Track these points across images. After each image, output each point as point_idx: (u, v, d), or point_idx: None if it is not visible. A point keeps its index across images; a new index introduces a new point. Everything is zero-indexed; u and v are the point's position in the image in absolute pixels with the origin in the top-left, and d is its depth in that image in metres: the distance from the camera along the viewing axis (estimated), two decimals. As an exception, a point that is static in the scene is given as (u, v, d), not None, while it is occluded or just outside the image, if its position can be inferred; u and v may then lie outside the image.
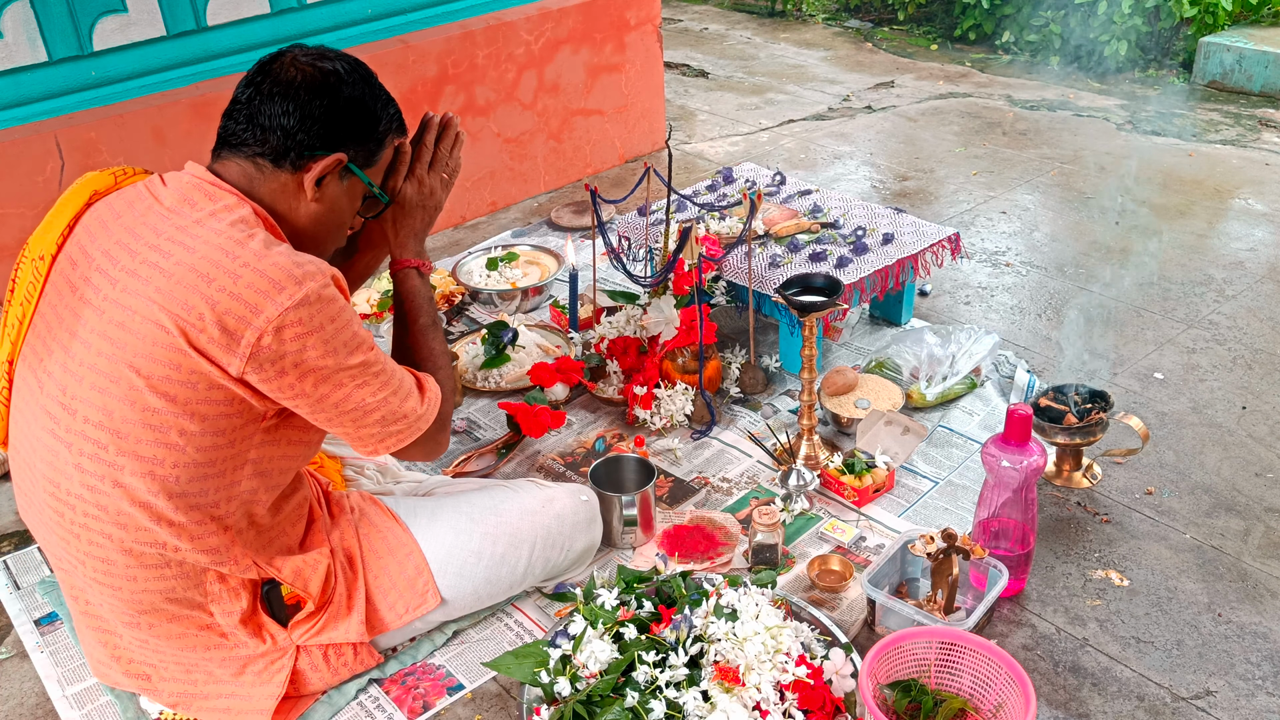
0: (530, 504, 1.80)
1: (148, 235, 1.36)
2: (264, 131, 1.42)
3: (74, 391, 1.35)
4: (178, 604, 1.47)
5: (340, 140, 1.44)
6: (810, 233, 2.57)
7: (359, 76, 1.46)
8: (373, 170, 1.52)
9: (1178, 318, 2.70)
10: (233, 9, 2.89)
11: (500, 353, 2.53)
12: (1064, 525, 2.01)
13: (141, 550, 1.41)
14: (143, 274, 1.33)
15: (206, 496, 1.40)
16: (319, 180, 1.44)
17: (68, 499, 1.40)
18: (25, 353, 1.43)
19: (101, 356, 1.33)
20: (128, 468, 1.35)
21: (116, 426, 1.34)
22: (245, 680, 1.56)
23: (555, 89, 3.56)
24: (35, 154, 2.57)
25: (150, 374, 1.31)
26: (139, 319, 1.31)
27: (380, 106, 1.49)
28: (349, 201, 1.52)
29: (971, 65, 4.88)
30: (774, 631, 1.55)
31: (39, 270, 1.43)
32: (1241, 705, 1.62)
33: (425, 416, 1.51)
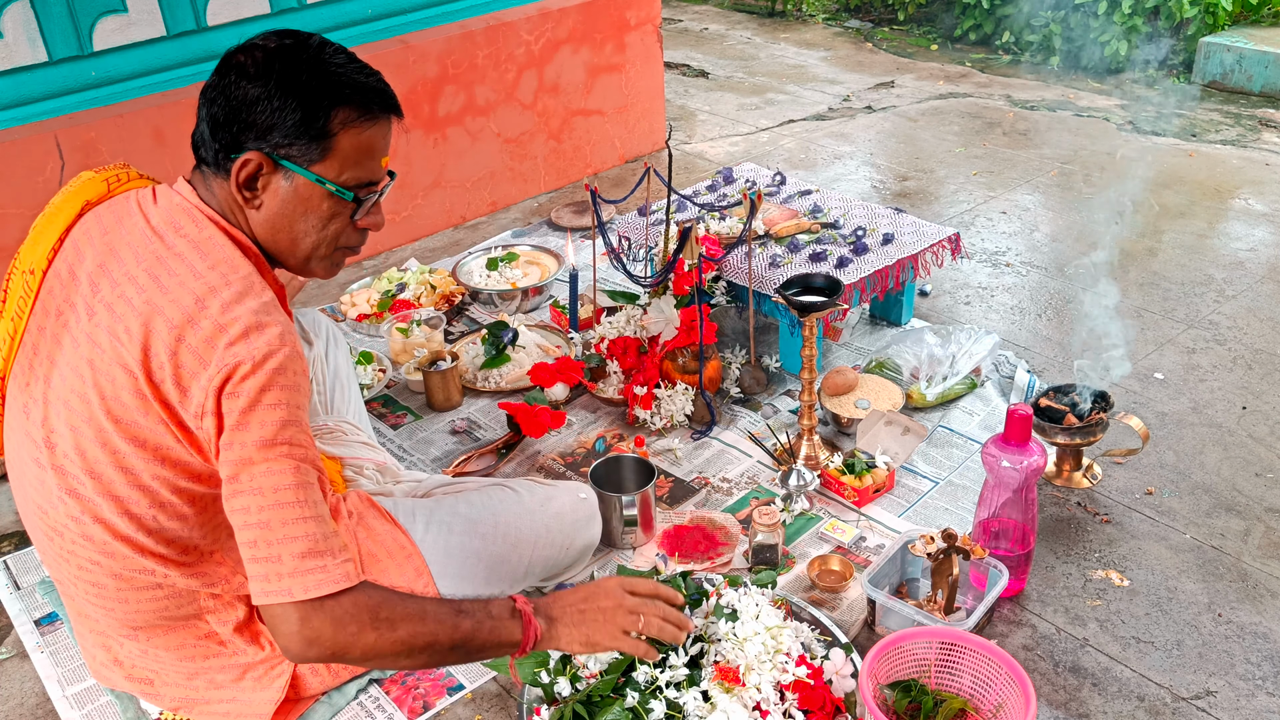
0: (529, 503, 1.80)
1: (129, 261, 1.29)
2: (199, 136, 1.33)
3: (53, 425, 1.32)
4: (173, 619, 1.47)
5: (260, 135, 1.28)
6: (810, 233, 2.57)
7: (293, 55, 1.29)
8: (327, 163, 1.30)
9: (1178, 318, 2.70)
10: (233, 9, 2.89)
11: (500, 353, 2.53)
12: (1064, 525, 2.01)
13: (131, 575, 1.39)
14: (117, 309, 1.27)
15: (190, 534, 1.38)
16: (251, 183, 1.30)
17: (55, 525, 1.38)
18: (16, 371, 1.40)
19: (74, 395, 1.29)
20: (105, 506, 1.32)
21: (90, 467, 1.30)
22: (245, 686, 1.56)
23: (555, 89, 3.56)
24: (35, 154, 2.56)
25: (119, 417, 1.27)
26: (107, 359, 1.26)
27: (320, 87, 1.28)
28: (306, 205, 1.32)
29: (971, 65, 4.88)
30: (774, 631, 1.55)
31: (29, 285, 1.37)
32: (1242, 705, 1.62)
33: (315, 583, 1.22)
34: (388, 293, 2.85)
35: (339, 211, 1.35)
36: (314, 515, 1.24)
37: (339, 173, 1.32)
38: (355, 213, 1.37)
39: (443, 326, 2.63)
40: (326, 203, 1.33)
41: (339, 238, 1.38)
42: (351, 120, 1.31)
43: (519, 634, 1.36)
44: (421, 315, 2.64)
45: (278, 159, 1.29)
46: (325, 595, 1.23)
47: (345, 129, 1.30)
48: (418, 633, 1.28)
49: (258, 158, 1.28)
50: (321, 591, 1.22)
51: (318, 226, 1.35)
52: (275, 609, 1.23)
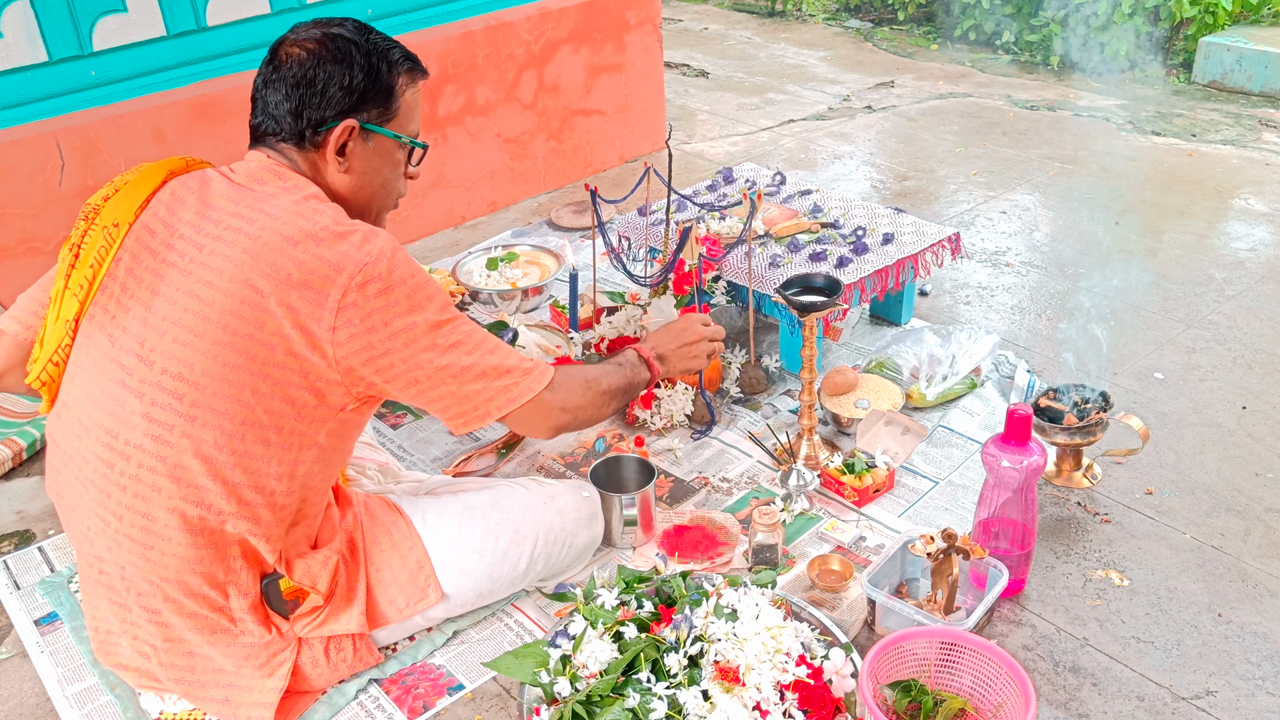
0: (532, 500, 1.81)
1: (228, 207, 1.44)
2: (276, 120, 1.49)
3: (153, 344, 1.40)
4: (200, 577, 1.49)
5: (347, 107, 1.49)
6: (810, 233, 2.57)
7: (347, 40, 1.49)
8: (396, 121, 1.54)
9: (1178, 318, 2.70)
10: (233, 9, 2.89)
11: (500, 353, 2.52)
12: (1064, 525, 2.01)
13: (185, 510, 1.43)
14: (228, 239, 1.40)
15: (268, 465, 1.45)
16: (342, 150, 1.51)
17: (124, 449, 1.43)
18: (94, 311, 1.47)
19: (187, 313, 1.39)
20: (199, 418, 1.40)
21: (195, 379, 1.39)
22: (245, 672, 1.56)
23: (555, 89, 3.56)
24: (35, 154, 2.56)
25: (235, 330, 1.38)
26: (226, 279, 1.38)
27: (378, 59, 1.50)
28: (384, 159, 1.56)
29: (971, 65, 4.88)
30: (774, 631, 1.55)
31: (111, 236, 1.47)
32: (1242, 705, 1.62)
33: (536, 376, 1.54)
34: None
35: (402, 162, 1.59)
36: (502, 344, 1.53)
37: (405, 128, 1.56)
38: (412, 162, 1.61)
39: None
40: (398, 154, 1.57)
41: (398, 188, 1.63)
42: (408, 82, 1.55)
43: (648, 373, 1.82)
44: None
45: (364, 124, 1.50)
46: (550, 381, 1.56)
47: (405, 90, 1.54)
48: (610, 386, 1.72)
49: (352, 124, 1.49)
50: (549, 376, 1.57)
51: (391, 178, 1.59)
52: (526, 408, 1.54)
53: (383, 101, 1.51)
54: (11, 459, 2.30)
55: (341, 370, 1.42)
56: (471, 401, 1.50)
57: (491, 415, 1.52)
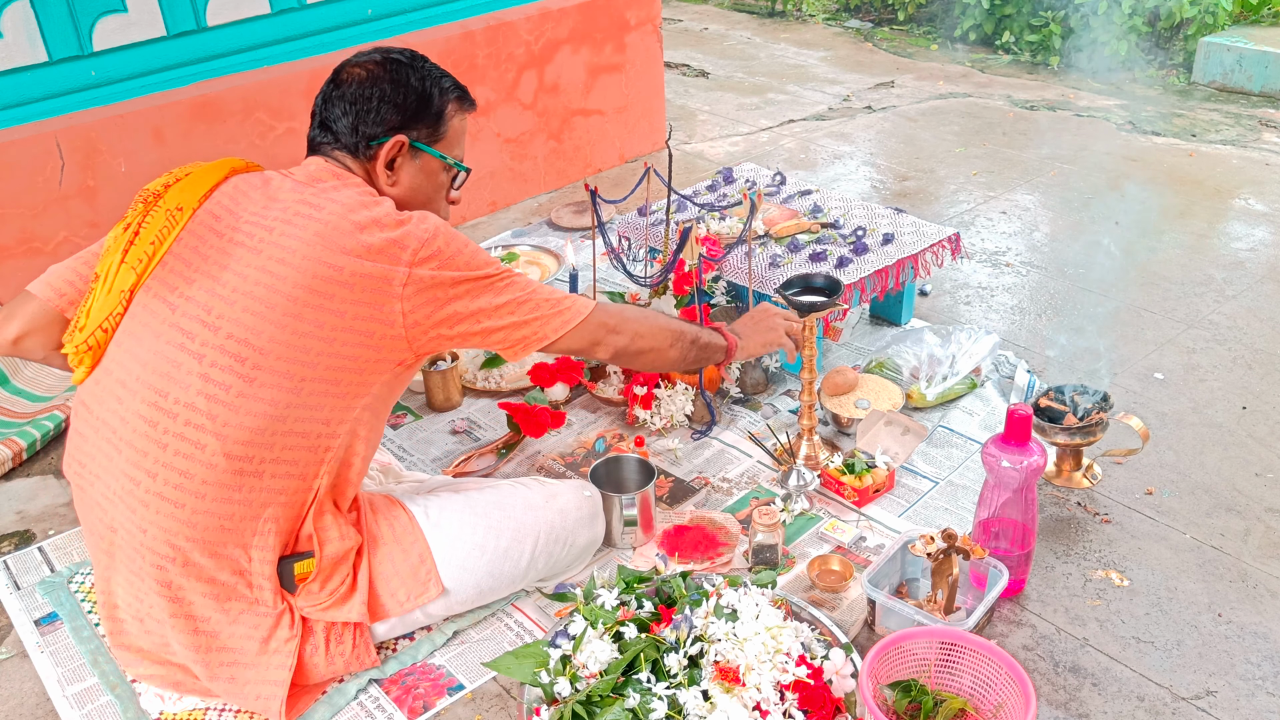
0: (534, 499, 1.81)
1: (293, 197, 1.56)
2: (334, 133, 1.64)
3: (220, 311, 1.50)
4: (228, 534, 1.52)
5: (397, 124, 1.63)
6: (810, 233, 2.57)
7: (404, 64, 1.65)
8: (444, 143, 1.69)
9: (1178, 318, 2.70)
10: (233, 9, 2.89)
11: (500, 353, 2.53)
12: (1064, 525, 2.01)
13: (225, 466, 1.49)
14: (298, 223, 1.52)
15: (319, 412, 1.53)
16: (391, 163, 1.65)
17: (173, 408, 1.49)
18: (151, 284, 1.56)
19: (259, 286, 1.49)
20: (259, 379, 1.49)
21: (261, 344, 1.49)
22: (250, 650, 1.58)
23: (555, 89, 3.56)
24: (35, 154, 2.56)
25: (307, 303, 1.49)
26: (299, 257, 1.49)
27: (430, 84, 1.66)
28: (429, 177, 1.69)
29: (971, 65, 4.88)
30: (774, 631, 1.55)
31: (174, 218, 1.58)
32: (1242, 705, 1.62)
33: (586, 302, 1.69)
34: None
35: (445, 184, 1.73)
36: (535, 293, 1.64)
37: (450, 151, 1.70)
38: (454, 184, 1.75)
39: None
40: (443, 175, 1.71)
41: (441, 209, 1.75)
42: (456, 110, 1.70)
43: (722, 340, 1.95)
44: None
45: (413, 142, 1.65)
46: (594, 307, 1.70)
47: (453, 117, 1.69)
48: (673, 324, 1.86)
49: (402, 140, 1.63)
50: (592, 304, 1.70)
51: (434, 198, 1.72)
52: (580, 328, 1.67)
53: (432, 123, 1.66)
54: (11, 459, 2.31)
55: (408, 325, 1.54)
56: (530, 327, 1.63)
57: (549, 336, 1.64)
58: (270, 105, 2.93)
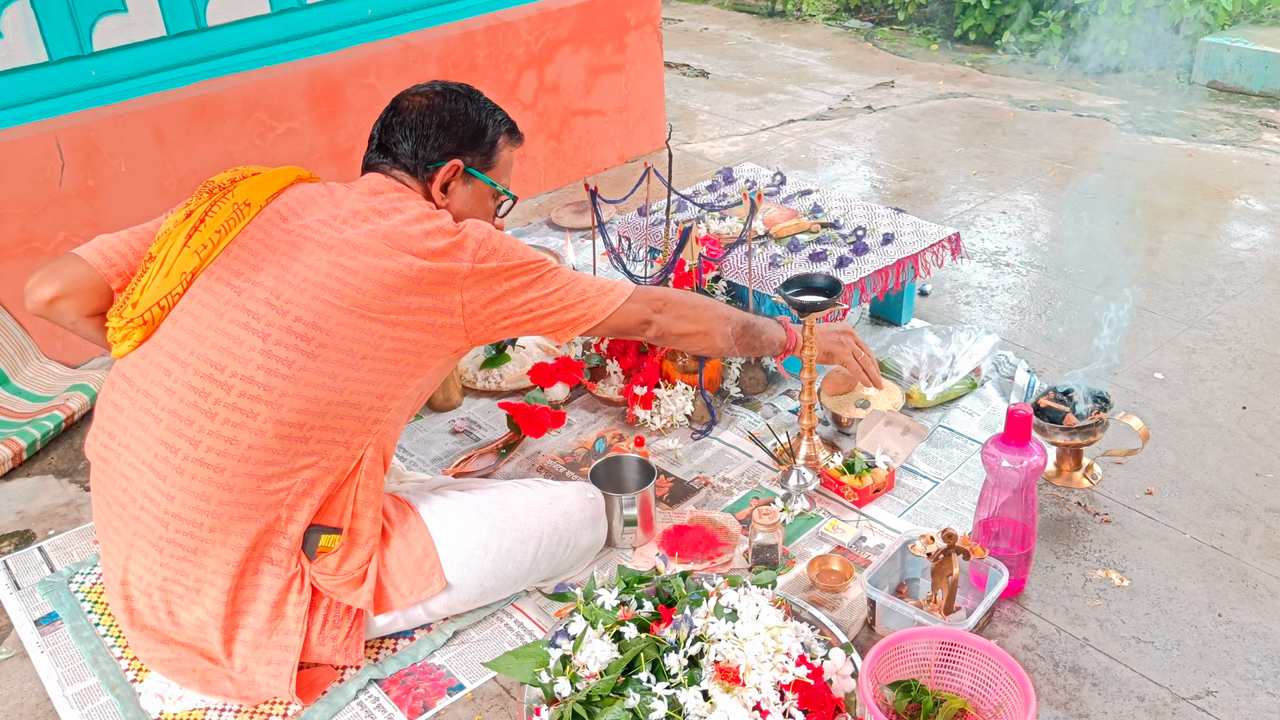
0: (537, 500, 1.82)
1: (358, 204, 1.66)
2: (394, 156, 1.74)
3: (289, 297, 1.57)
4: (263, 494, 1.57)
5: (454, 151, 1.74)
6: (810, 233, 2.57)
7: (462, 96, 1.78)
8: (494, 171, 1.81)
9: (1178, 318, 2.70)
10: (233, 9, 2.89)
11: (500, 352, 2.53)
12: (1064, 525, 2.01)
13: (274, 432, 1.55)
14: (365, 228, 1.62)
15: (373, 386, 1.61)
16: (445, 186, 1.75)
17: (228, 380, 1.55)
18: (215, 269, 1.62)
19: (330, 279, 1.58)
20: (321, 356, 1.57)
21: (329, 328, 1.57)
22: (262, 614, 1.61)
23: (555, 89, 3.56)
24: (35, 154, 2.56)
25: (375, 295, 1.58)
26: (371, 254, 1.58)
27: (485, 116, 1.78)
28: (479, 201, 1.80)
29: (971, 65, 4.88)
30: (774, 631, 1.55)
31: (241, 212, 1.65)
32: (1242, 705, 1.62)
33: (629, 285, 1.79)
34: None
35: (492, 211, 1.84)
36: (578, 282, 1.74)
37: (499, 179, 1.82)
38: (500, 211, 1.86)
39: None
40: (491, 201, 1.83)
41: None
42: (507, 141, 1.83)
43: (784, 335, 2.00)
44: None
45: (467, 167, 1.76)
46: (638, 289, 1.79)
47: (504, 148, 1.82)
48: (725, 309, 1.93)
49: (457, 165, 1.74)
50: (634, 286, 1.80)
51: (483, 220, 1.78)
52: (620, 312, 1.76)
53: (485, 152, 1.78)
54: (11, 459, 2.30)
55: (466, 315, 1.64)
56: (578, 309, 1.72)
57: (596, 317, 1.73)
58: (270, 105, 2.92)
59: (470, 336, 1.68)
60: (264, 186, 1.70)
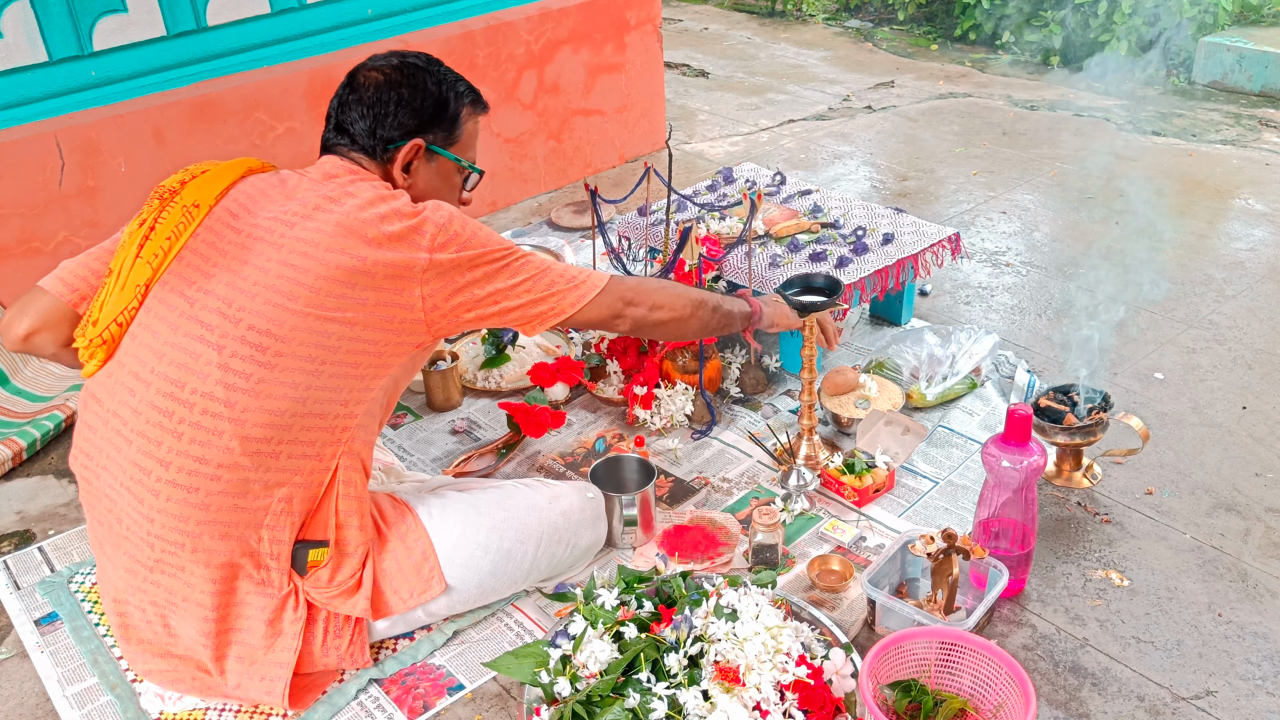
0: (537, 500, 1.82)
1: (310, 194, 1.58)
2: (351, 136, 1.65)
3: (241, 304, 1.51)
4: (241, 513, 1.53)
5: (414, 128, 1.66)
6: (810, 233, 2.57)
7: (420, 69, 1.67)
8: (459, 146, 1.72)
9: (1178, 318, 2.70)
10: (233, 9, 2.89)
11: (500, 352, 2.53)
12: (1064, 525, 2.01)
13: (241, 450, 1.50)
14: (318, 217, 1.54)
15: (337, 394, 1.56)
16: (407, 166, 1.67)
17: (190, 398, 1.50)
18: (168, 278, 1.56)
19: (281, 279, 1.51)
20: (279, 365, 1.51)
21: (283, 334, 1.50)
22: (257, 630, 1.59)
23: (555, 89, 3.56)
24: (35, 154, 2.56)
25: (329, 292, 1.51)
26: (322, 249, 1.51)
27: (446, 89, 1.68)
28: (443, 180, 1.73)
29: (971, 65, 4.88)
30: (774, 631, 1.55)
31: (191, 215, 1.58)
32: (1242, 705, 1.62)
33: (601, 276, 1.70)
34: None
35: (458, 186, 1.76)
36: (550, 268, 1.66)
37: (464, 154, 1.74)
38: (466, 185, 1.77)
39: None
40: (456, 178, 1.75)
41: None
42: (470, 114, 1.73)
43: (748, 307, 1.95)
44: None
45: (429, 145, 1.67)
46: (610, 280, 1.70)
47: (468, 120, 1.72)
48: (693, 292, 1.85)
49: (418, 144, 1.66)
50: (608, 277, 1.70)
51: (448, 198, 1.73)
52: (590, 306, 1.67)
53: (448, 127, 1.69)
54: (11, 459, 2.31)
55: (427, 309, 1.57)
56: (547, 303, 1.65)
57: (566, 311, 1.66)
58: (270, 105, 2.92)
59: (433, 330, 1.62)
60: (212, 184, 1.63)
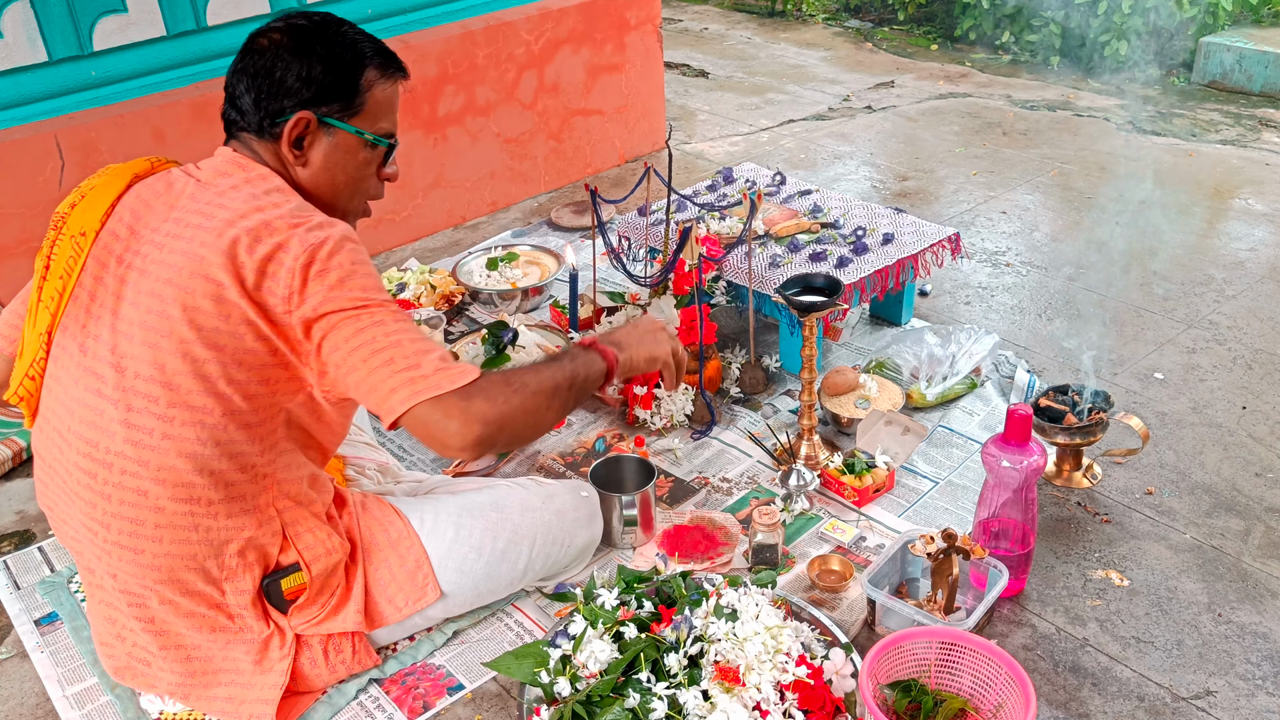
0: (531, 501, 1.81)
1: (189, 205, 1.44)
2: (241, 111, 1.49)
3: (124, 349, 1.40)
4: (195, 574, 1.48)
5: (304, 99, 1.46)
6: (810, 233, 2.57)
7: (309, 31, 1.47)
8: (362, 117, 1.51)
9: (1178, 318, 2.70)
10: (233, 9, 2.89)
11: (500, 353, 2.53)
12: (1064, 525, 2.01)
13: (174, 509, 1.43)
14: (187, 235, 1.40)
15: (251, 448, 1.45)
16: (299, 142, 1.49)
17: (106, 458, 1.42)
18: (66, 323, 1.46)
19: (152, 314, 1.39)
20: (178, 418, 1.40)
21: (169, 379, 1.39)
22: (245, 668, 1.56)
23: (555, 89, 3.56)
24: (35, 154, 2.56)
25: (202, 325, 1.38)
26: (185, 274, 1.38)
27: (341, 49, 1.48)
28: (346, 155, 1.52)
29: (971, 65, 4.88)
30: (774, 631, 1.55)
31: (79, 245, 1.46)
32: (1242, 705, 1.62)
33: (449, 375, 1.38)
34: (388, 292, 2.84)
35: (370, 161, 1.55)
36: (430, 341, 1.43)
37: (372, 125, 1.53)
38: (383, 162, 1.57)
39: (443, 326, 2.63)
40: (362, 154, 1.54)
41: (368, 189, 1.59)
42: (376, 79, 1.51)
43: (603, 363, 1.57)
44: (422, 315, 2.64)
45: (321, 118, 1.48)
46: (469, 383, 1.39)
47: (373, 86, 1.51)
48: (543, 383, 1.49)
49: (306, 116, 1.47)
50: (466, 379, 1.39)
51: (355, 177, 1.55)
52: (433, 409, 1.37)
53: (346, 96, 1.48)
54: (11, 459, 2.31)
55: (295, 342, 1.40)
56: (380, 391, 1.38)
57: (396, 409, 1.37)
58: (270, 105, 2.92)
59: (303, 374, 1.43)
60: (96, 205, 1.48)
